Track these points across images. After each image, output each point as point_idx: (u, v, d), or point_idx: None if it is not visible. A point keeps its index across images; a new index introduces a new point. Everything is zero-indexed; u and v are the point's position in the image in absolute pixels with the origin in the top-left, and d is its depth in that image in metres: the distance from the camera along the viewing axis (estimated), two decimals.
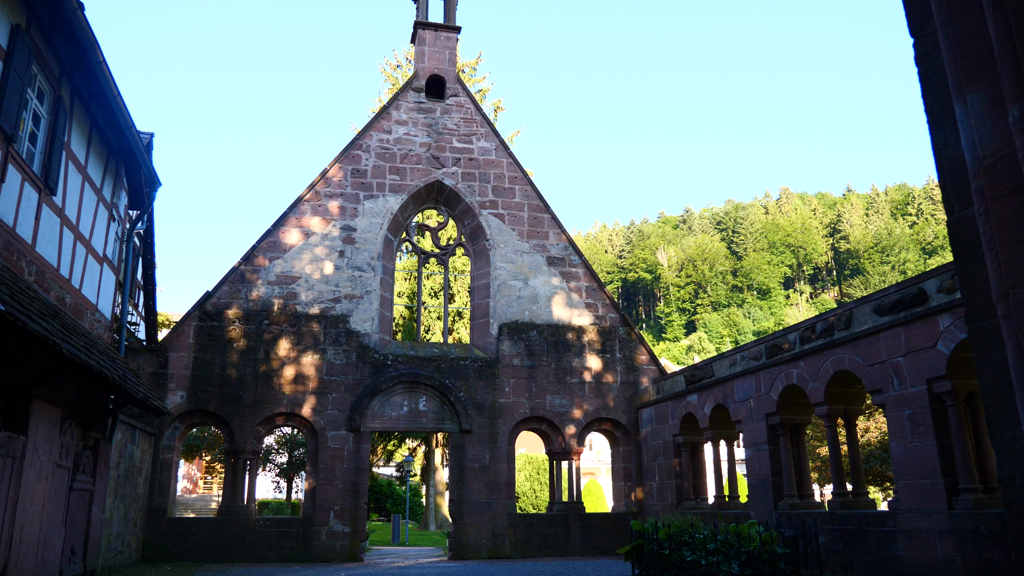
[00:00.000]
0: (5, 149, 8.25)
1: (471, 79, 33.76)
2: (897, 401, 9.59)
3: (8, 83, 8.18)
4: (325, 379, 15.72)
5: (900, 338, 9.59)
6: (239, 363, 15.44)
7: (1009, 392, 2.11)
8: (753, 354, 13.18)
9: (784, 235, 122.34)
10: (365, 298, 16.43)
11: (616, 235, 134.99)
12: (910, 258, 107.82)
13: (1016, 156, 1.80)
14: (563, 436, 16.63)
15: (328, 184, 16.97)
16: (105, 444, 10.86)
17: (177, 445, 15.21)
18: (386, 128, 17.64)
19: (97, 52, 9.52)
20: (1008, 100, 1.77)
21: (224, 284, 15.89)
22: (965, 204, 2.29)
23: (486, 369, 16.59)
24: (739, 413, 13.12)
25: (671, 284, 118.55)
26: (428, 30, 18.39)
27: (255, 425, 15.26)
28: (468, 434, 16.13)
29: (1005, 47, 1.75)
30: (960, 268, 2.33)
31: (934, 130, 2.45)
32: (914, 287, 9.63)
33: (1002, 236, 1.89)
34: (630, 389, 17.15)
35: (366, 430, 15.72)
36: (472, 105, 18.31)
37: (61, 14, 8.85)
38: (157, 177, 13.48)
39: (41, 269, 9.51)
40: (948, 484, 8.89)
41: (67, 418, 9.23)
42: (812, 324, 11.73)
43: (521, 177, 18.10)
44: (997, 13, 1.78)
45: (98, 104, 10.88)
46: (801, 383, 11.57)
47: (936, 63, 2.41)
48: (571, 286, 17.59)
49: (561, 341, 17.11)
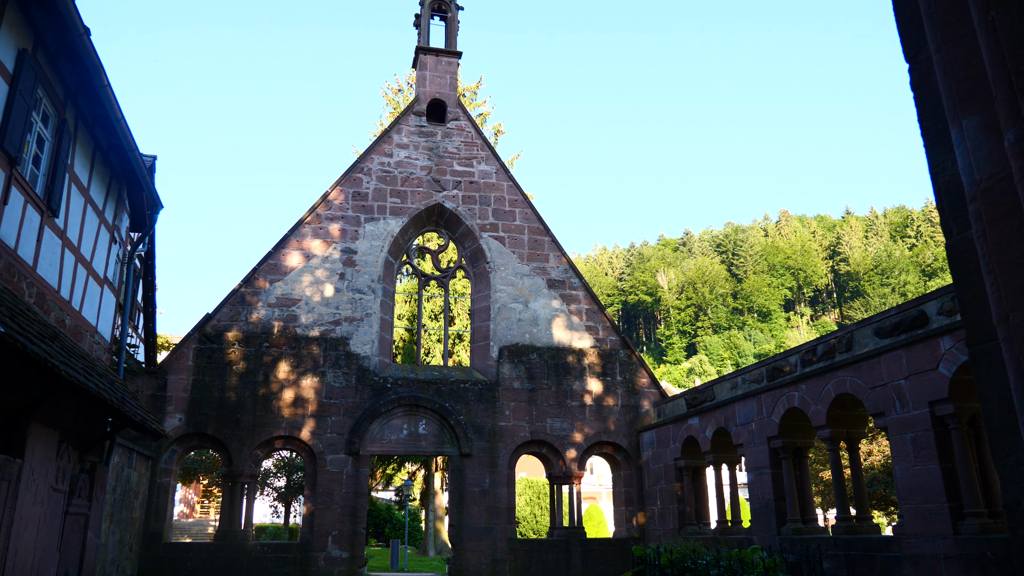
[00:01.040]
0: (9, 171, 8.30)
1: (472, 103, 34.01)
2: (900, 424, 9.54)
3: (13, 106, 8.24)
4: (324, 402, 15.66)
5: (901, 360, 9.56)
6: (238, 386, 15.39)
7: (1012, 415, 2.10)
8: (754, 377, 13.14)
9: (784, 257, 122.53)
10: (365, 321, 16.42)
11: (616, 258, 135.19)
12: (910, 280, 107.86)
13: (1012, 179, 1.81)
14: (564, 460, 16.52)
15: (329, 207, 17.03)
16: (102, 467, 10.79)
17: (174, 469, 15.12)
18: (387, 151, 17.74)
19: (102, 76, 9.60)
20: (1003, 124, 1.78)
21: (224, 306, 15.89)
22: (963, 227, 2.29)
23: (486, 392, 16.53)
24: (741, 436, 13.04)
25: (671, 306, 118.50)
26: (429, 55, 18.56)
27: (253, 448, 15.17)
28: (468, 458, 16.02)
29: (999, 73, 1.77)
30: (960, 291, 2.33)
31: (931, 154, 2.46)
32: (914, 309, 9.62)
33: (1001, 259, 1.89)
34: (631, 412, 17.07)
35: (365, 453, 15.63)
36: (473, 129, 18.43)
37: (67, 39, 8.94)
38: (159, 200, 13.53)
39: (41, 291, 9.51)
40: (953, 508, 8.81)
41: (64, 441, 9.18)
42: (813, 347, 11.70)
43: (521, 200, 18.16)
44: (990, 40, 1.80)
45: (102, 127, 10.96)
46: (803, 406, 11.51)
47: (932, 88, 2.43)
48: (571, 309, 17.58)
49: (561, 364, 17.07)
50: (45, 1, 8.36)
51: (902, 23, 2.61)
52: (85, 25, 8.72)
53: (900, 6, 2.62)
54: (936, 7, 2.16)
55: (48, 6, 8.42)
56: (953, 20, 2.10)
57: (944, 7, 2.14)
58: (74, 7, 8.38)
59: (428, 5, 19.03)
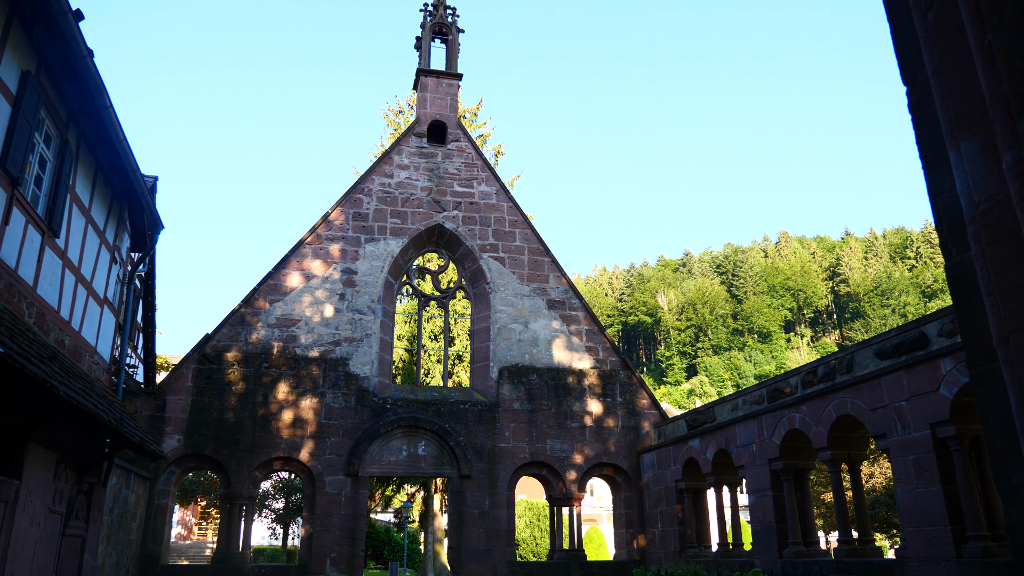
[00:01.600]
0: (11, 192, 8.33)
1: (472, 124, 34.20)
2: (901, 446, 9.49)
3: (16, 128, 8.29)
4: (324, 423, 15.59)
5: (902, 382, 9.54)
6: (237, 406, 15.33)
7: (1013, 437, 2.10)
8: (755, 398, 13.09)
9: (784, 278, 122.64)
10: (365, 341, 16.39)
11: (616, 278, 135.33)
12: (910, 301, 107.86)
13: (1011, 201, 1.82)
14: (564, 482, 16.42)
15: (330, 227, 17.07)
16: (100, 489, 10.72)
17: (172, 490, 15.02)
18: (388, 172, 17.81)
19: (105, 98, 9.67)
20: (1001, 147, 1.79)
21: (224, 327, 15.87)
22: (962, 248, 2.30)
23: (486, 413, 16.46)
24: (742, 458, 12.97)
25: (671, 327, 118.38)
26: (430, 77, 18.70)
27: (252, 470, 15.07)
28: (467, 479, 15.92)
29: (996, 96, 1.78)
30: (959, 312, 2.33)
31: (929, 176, 2.47)
32: (915, 331, 9.61)
33: (1000, 280, 1.90)
34: (631, 434, 16.99)
35: (364, 475, 15.53)
36: (473, 150, 18.53)
37: (71, 61, 9.01)
38: (160, 220, 13.57)
39: (41, 311, 9.51)
40: (955, 531, 8.74)
41: (62, 462, 9.13)
42: (814, 368, 11.68)
43: (521, 221, 18.21)
44: (987, 63, 1.81)
45: (104, 148, 11.01)
46: (803, 428, 11.46)
47: (929, 111, 2.45)
48: (571, 329, 17.56)
49: (561, 385, 17.01)
50: (49, 23, 8.44)
51: (899, 47, 2.64)
52: (88, 47, 8.79)
53: (897, 30, 2.64)
54: (933, 31, 2.18)
55: (52, 28, 8.50)
56: (950, 44, 2.12)
57: (941, 31, 2.16)
58: (78, 29, 8.46)
59: (429, 28, 19.21)
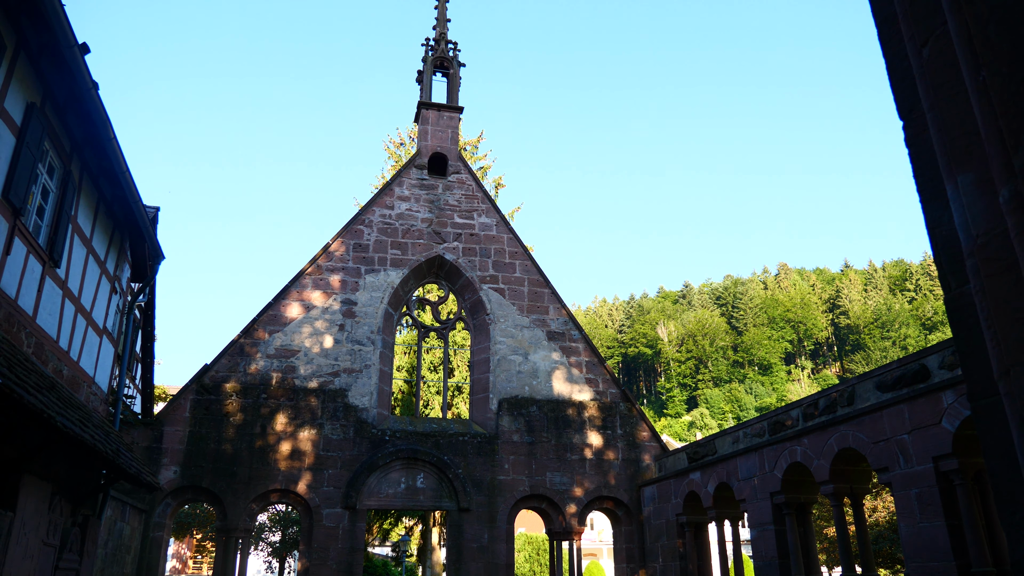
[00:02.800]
0: (13, 222, 8.36)
1: (473, 156, 34.47)
2: (904, 480, 9.41)
3: (20, 159, 8.36)
4: (322, 454, 15.47)
5: (904, 415, 9.48)
6: (235, 438, 15.22)
7: (1016, 471, 2.08)
8: (756, 431, 13.01)
9: (784, 310, 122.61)
10: (364, 372, 16.33)
11: (616, 310, 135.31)
12: (911, 333, 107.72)
13: (1009, 235, 1.83)
14: (564, 515, 16.24)
15: (330, 258, 17.11)
16: (94, 521, 10.60)
17: (168, 523, 14.84)
18: (388, 203, 17.91)
19: (109, 130, 9.76)
20: (997, 181, 1.81)
21: (223, 357, 15.82)
22: (961, 281, 2.30)
23: (485, 445, 16.34)
24: (743, 492, 12.85)
25: (672, 359, 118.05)
26: (431, 110, 18.89)
27: (248, 502, 14.92)
28: (466, 512, 15.75)
29: (991, 131, 1.80)
30: (960, 345, 2.33)
31: (927, 209, 2.49)
32: (915, 363, 9.58)
33: (1000, 313, 1.90)
34: (632, 466, 16.85)
35: (362, 508, 15.36)
36: (473, 182, 18.65)
37: (76, 93, 9.11)
38: (161, 250, 13.61)
39: (40, 341, 9.49)
40: (960, 567, 8.62)
41: (57, 493, 9.04)
42: (815, 400, 11.62)
43: (521, 252, 18.26)
44: (982, 99, 1.84)
45: (106, 179, 11.09)
46: (805, 461, 11.37)
47: (926, 144, 2.47)
48: (571, 361, 17.51)
49: (561, 417, 16.91)
50: (55, 56, 8.55)
51: (895, 82, 2.67)
52: (93, 80, 8.90)
53: (893, 66, 2.68)
54: (928, 67, 2.21)
55: (58, 61, 8.61)
56: (945, 80, 2.14)
57: (936, 67, 2.19)
58: (83, 62, 8.57)
59: (431, 62, 19.45)
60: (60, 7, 7.79)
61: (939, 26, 2.17)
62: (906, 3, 2.32)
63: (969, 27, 1.88)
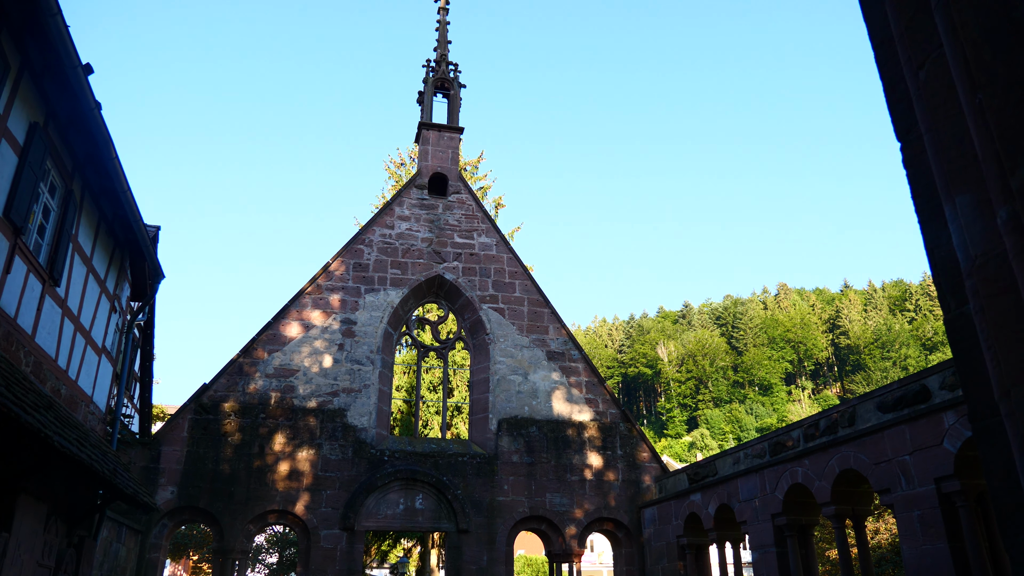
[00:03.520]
0: (13, 241, 8.38)
1: (473, 177, 34.61)
2: (906, 501, 9.35)
3: (22, 178, 8.39)
4: (320, 475, 15.37)
5: (905, 436, 9.44)
6: (232, 458, 15.13)
7: (1018, 493, 2.06)
8: (757, 451, 12.94)
9: (784, 330, 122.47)
10: (363, 392, 16.28)
11: (616, 330, 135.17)
12: (911, 354, 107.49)
13: (1007, 256, 1.83)
14: (563, 537, 16.11)
15: (330, 277, 17.12)
16: (90, 542, 10.52)
17: (164, 544, 14.72)
18: (389, 223, 17.95)
19: (111, 149, 9.80)
20: (995, 202, 1.82)
21: (222, 377, 15.77)
22: (961, 302, 2.30)
23: (484, 466, 16.24)
24: (744, 513, 12.75)
25: (672, 379, 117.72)
26: (432, 130, 18.99)
27: (246, 523, 14.80)
28: (465, 534, 15.62)
29: (988, 152, 1.81)
30: (960, 366, 2.32)
31: (925, 230, 2.49)
32: (916, 384, 9.55)
33: (999, 334, 1.90)
34: (632, 487, 16.74)
35: (360, 529, 15.24)
36: (473, 202, 18.70)
37: (79, 113, 9.16)
38: (161, 270, 13.62)
39: (39, 360, 9.47)
40: None
41: (52, 514, 8.97)
42: (815, 421, 11.57)
43: (521, 272, 18.28)
44: (979, 120, 1.85)
45: (108, 198, 11.12)
46: (806, 482, 11.30)
47: (923, 166, 2.48)
48: (571, 381, 17.45)
49: (561, 437, 16.83)
50: (59, 77, 8.61)
51: (892, 103, 2.69)
52: (96, 100, 8.95)
53: (890, 87, 2.70)
54: (925, 89, 2.23)
55: (62, 82, 8.67)
56: (942, 102, 2.16)
57: (933, 89, 2.20)
58: (87, 82, 8.62)
59: (432, 83, 19.60)
60: (64, 28, 7.85)
61: (935, 48, 2.19)
62: (902, 26, 2.34)
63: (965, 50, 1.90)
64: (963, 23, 1.91)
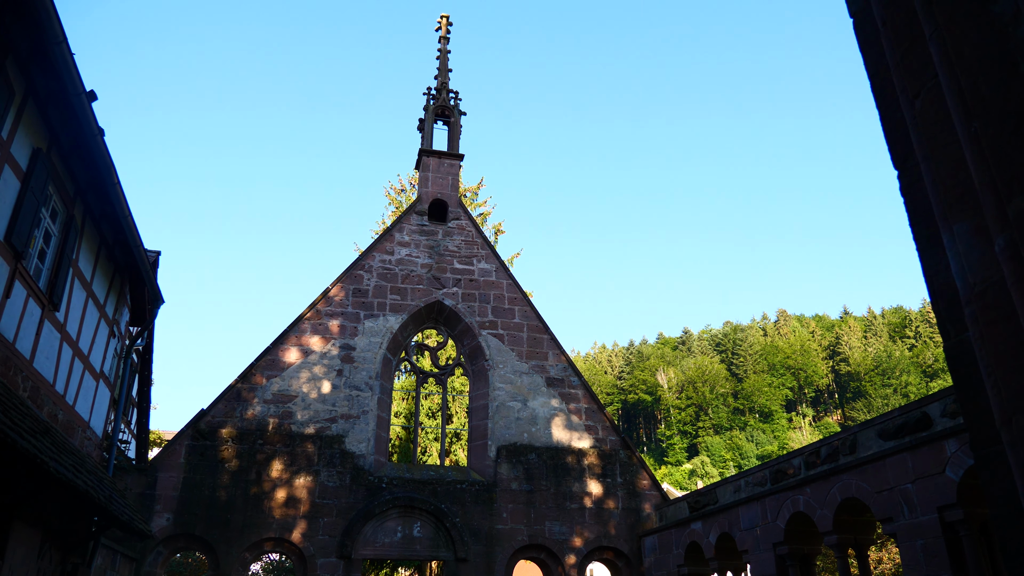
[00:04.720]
0: (14, 266, 8.39)
1: (473, 203, 34.75)
2: (908, 530, 9.26)
3: (24, 203, 8.43)
4: (317, 502, 15.23)
5: (907, 464, 9.38)
6: (229, 484, 15.00)
7: (1021, 520, 2.05)
8: (757, 480, 12.84)
9: (784, 357, 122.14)
10: (362, 418, 16.19)
11: (615, 356, 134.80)
12: (912, 381, 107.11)
13: (1006, 283, 1.84)
14: (563, 566, 15.92)
15: (329, 303, 17.12)
16: (84, 570, 10.40)
17: (160, 572, 14.53)
18: (388, 249, 17.99)
19: (113, 175, 9.86)
20: (992, 230, 1.83)
21: (219, 402, 15.70)
22: (960, 329, 2.30)
23: (483, 493, 16.11)
24: (745, 542, 12.63)
25: (672, 406, 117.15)
26: (432, 157, 19.12)
27: (242, 551, 14.63)
28: (464, 563, 15.44)
29: (985, 180, 1.83)
30: (960, 394, 2.32)
31: (924, 257, 2.50)
32: (917, 411, 9.50)
33: (1000, 362, 1.89)
34: (632, 516, 16.58)
35: (357, 557, 15.07)
36: (473, 228, 18.77)
37: (82, 139, 9.23)
38: (161, 295, 13.63)
39: (36, 385, 9.43)
40: None
41: (47, 541, 8.88)
42: (816, 448, 11.50)
43: (521, 298, 18.28)
44: (975, 149, 1.86)
45: (109, 223, 11.16)
46: (808, 511, 11.20)
47: (921, 193, 2.50)
48: (571, 408, 17.38)
49: (560, 464, 16.71)
50: (63, 103, 8.68)
51: (889, 132, 2.71)
52: (99, 126, 9.03)
53: (886, 116, 2.72)
54: (921, 118, 2.25)
55: (65, 108, 8.74)
56: (938, 131, 2.18)
57: (928, 118, 2.23)
58: (90, 109, 8.70)
59: (432, 111, 19.76)
60: (69, 56, 7.94)
61: (931, 79, 2.22)
62: (898, 56, 2.37)
63: (960, 79, 1.92)
64: (958, 54, 1.94)
